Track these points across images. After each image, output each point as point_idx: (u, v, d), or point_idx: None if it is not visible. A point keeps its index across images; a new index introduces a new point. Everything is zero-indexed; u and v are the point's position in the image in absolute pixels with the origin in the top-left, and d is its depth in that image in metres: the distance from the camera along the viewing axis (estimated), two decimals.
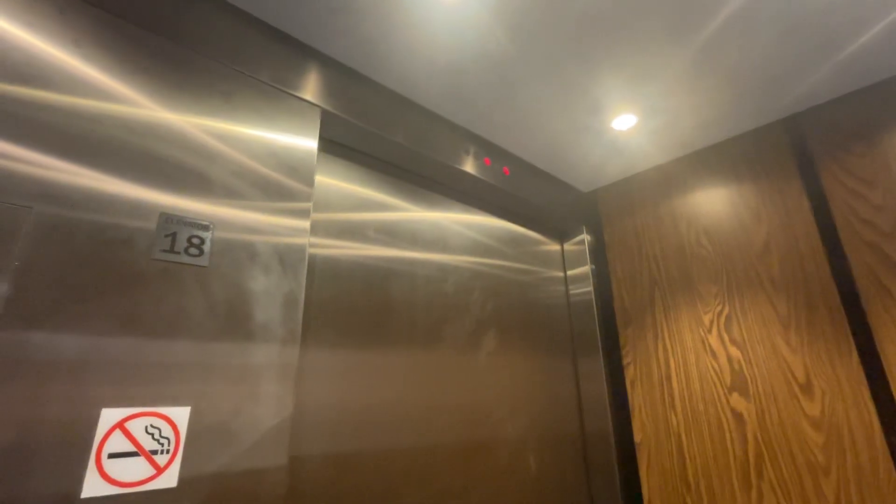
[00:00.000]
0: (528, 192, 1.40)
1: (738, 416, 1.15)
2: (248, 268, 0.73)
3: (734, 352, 1.19)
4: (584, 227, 1.58)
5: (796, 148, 1.22)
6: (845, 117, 1.15)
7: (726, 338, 1.22)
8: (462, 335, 1.16)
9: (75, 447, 0.53)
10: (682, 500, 1.20)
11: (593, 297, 1.50)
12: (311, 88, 0.92)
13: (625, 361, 1.42)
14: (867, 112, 1.11)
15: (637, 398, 1.36)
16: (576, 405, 1.42)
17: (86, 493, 0.52)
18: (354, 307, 0.96)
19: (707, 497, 1.16)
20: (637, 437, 1.33)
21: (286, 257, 0.78)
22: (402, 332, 1.03)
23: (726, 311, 1.23)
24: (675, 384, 1.29)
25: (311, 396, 0.84)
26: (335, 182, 1.03)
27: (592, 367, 1.43)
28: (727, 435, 1.16)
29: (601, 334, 1.46)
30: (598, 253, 1.59)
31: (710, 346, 1.24)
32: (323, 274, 0.93)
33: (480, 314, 1.23)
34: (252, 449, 0.65)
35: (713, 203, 1.33)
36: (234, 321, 0.69)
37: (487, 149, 1.30)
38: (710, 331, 1.25)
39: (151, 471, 0.57)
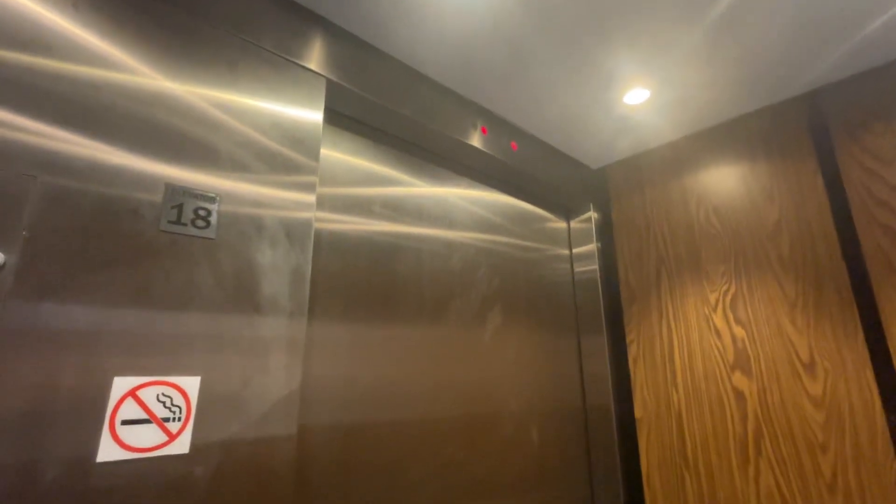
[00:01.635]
0: (536, 169, 1.38)
1: (739, 394, 1.16)
2: (255, 241, 0.72)
3: (738, 331, 1.19)
4: (591, 205, 1.57)
5: (813, 126, 1.19)
6: (865, 95, 1.11)
7: (731, 317, 1.21)
8: (467, 311, 1.16)
9: (90, 414, 0.54)
10: (680, 474, 1.23)
11: (598, 274, 1.49)
12: (316, 58, 0.90)
13: (628, 339, 1.42)
14: (888, 89, 1.08)
15: (639, 375, 1.37)
16: (578, 381, 1.44)
17: (101, 457, 0.54)
18: (361, 282, 0.96)
19: (705, 472, 1.18)
20: (638, 413, 1.35)
21: (293, 231, 0.77)
22: (408, 307, 1.04)
23: (732, 290, 1.23)
24: (677, 362, 1.29)
25: (319, 369, 0.85)
26: (341, 156, 1.01)
27: (596, 344, 1.44)
28: (727, 412, 1.17)
29: (605, 312, 1.46)
30: (605, 230, 1.58)
31: (714, 324, 1.24)
32: (329, 249, 0.93)
33: (486, 291, 1.23)
34: (262, 419, 0.67)
35: (725, 181, 1.31)
36: (242, 293, 0.69)
37: (496, 123, 1.27)
38: (714, 310, 1.25)
39: (164, 437, 0.58)
